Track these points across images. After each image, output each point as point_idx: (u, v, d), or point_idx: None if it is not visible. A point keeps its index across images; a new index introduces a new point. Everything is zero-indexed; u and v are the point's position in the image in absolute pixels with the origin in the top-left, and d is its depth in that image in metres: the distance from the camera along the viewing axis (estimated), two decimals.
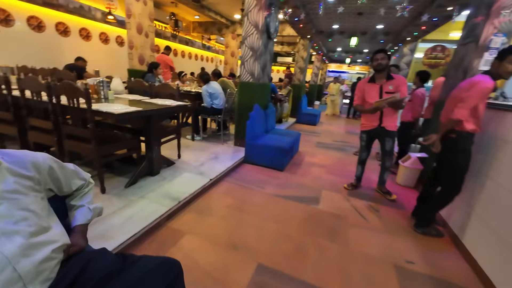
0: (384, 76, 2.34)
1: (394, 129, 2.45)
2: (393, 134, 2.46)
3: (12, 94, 2.11)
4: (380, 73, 2.34)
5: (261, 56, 3.36)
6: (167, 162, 2.75)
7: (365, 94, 2.45)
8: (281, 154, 3.16)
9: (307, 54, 6.94)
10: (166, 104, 2.42)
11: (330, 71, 15.61)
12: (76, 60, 4.30)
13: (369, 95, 2.41)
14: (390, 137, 2.46)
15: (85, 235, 0.95)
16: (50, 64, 4.25)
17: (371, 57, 2.35)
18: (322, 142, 5.01)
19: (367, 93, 2.43)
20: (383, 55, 2.25)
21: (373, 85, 2.40)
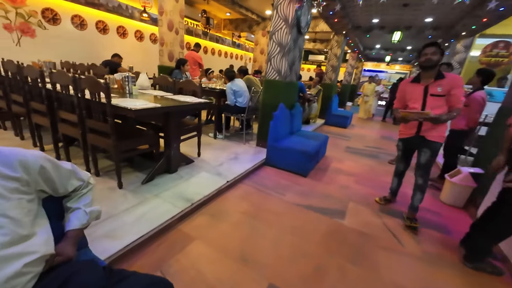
0: (432, 75, 1.89)
1: (438, 140, 1.95)
2: (434, 146, 1.96)
3: (46, 87, 2.22)
4: (428, 71, 1.89)
5: (289, 52, 3.14)
6: (186, 160, 2.70)
7: (406, 96, 2.04)
8: (306, 158, 2.92)
9: (341, 52, 6.48)
10: (186, 101, 2.35)
11: (366, 70, 14.59)
12: (113, 57, 4.53)
13: (411, 97, 2.00)
14: (428, 148, 1.98)
15: (76, 242, 0.87)
16: (91, 60, 4.55)
17: (418, 51, 1.95)
18: (352, 147, 4.61)
19: (409, 95, 2.01)
20: (434, 49, 1.82)
21: (417, 86, 1.96)
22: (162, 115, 2.16)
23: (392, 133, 6.40)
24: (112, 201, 1.89)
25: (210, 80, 4.52)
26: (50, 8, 3.83)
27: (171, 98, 2.50)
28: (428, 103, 1.90)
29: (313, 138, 3.52)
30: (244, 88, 3.56)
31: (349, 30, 5.90)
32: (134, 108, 1.75)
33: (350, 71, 9.78)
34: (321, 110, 6.48)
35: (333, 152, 4.16)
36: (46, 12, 3.79)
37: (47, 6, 3.79)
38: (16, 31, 3.52)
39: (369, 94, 7.76)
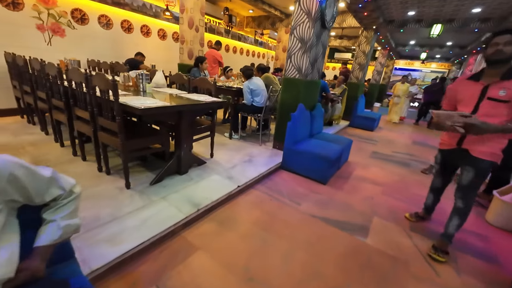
0: (499, 73, 1.45)
1: (487, 158, 1.51)
2: (480, 165, 1.54)
3: (64, 84, 2.24)
4: (496, 67, 1.46)
5: (311, 48, 2.90)
6: (198, 161, 2.60)
7: (458, 96, 1.63)
8: (326, 164, 2.67)
9: (370, 49, 6.00)
10: (198, 100, 2.25)
11: (397, 68, 13.59)
12: (136, 55, 4.62)
13: (462, 98, 1.59)
14: (472, 166, 1.57)
15: (45, 259, 0.76)
16: (116, 58, 4.69)
17: (485, 42, 1.51)
18: (379, 152, 4.22)
19: (461, 95, 1.61)
20: (509, 37, 1.37)
21: (474, 84, 1.55)
22: (173, 114, 2.07)
23: (426, 138, 5.81)
24: (118, 202, 1.84)
25: (228, 78, 4.41)
26: (79, 8, 3.98)
27: (184, 96, 2.41)
28: (481, 109, 1.49)
29: (335, 141, 3.24)
30: (262, 87, 3.39)
31: (380, 25, 5.42)
32: (140, 106, 1.67)
33: (379, 69, 9.12)
34: (346, 111, 6.08)
35: (357, 157, 3.82)
36: (75, 12, 3.95)
37: (76, 7, 3.94)
38: (48, 31, 3.71)
39: (401, 95, 7.03)
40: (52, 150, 2.60)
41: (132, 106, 1.69)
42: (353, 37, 9.67)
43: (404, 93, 6.98)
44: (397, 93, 7.06)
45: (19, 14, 3.41)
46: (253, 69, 3.36)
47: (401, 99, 7.11)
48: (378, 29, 5.78)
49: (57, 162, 2.36)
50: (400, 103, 7.25)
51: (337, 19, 6.44)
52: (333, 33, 9.49)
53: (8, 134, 2.95)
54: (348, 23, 6.33)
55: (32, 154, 2.46)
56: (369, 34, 5.86)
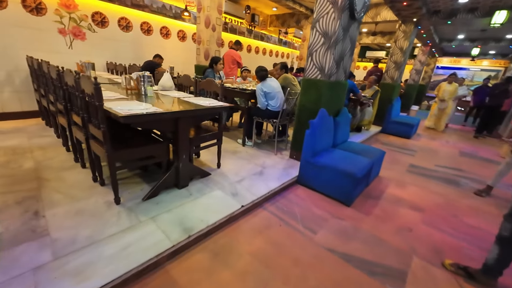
0: None
1: None
2: None
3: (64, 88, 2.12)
4: None
5: (336, 44, 2.46)
6: (201, 173, 2.33)
7: None
8: (351, 182, 2.21)
9: (409, 45, 5.26)
10: (200, 105, 1.97)
11: (440, 67, 12.14)
12: (154, 57, 4.55)
13: None
14: None
15: None
16: (135, 61, 4.69)
17: None
18: (417, 166, 3.57)
19: None
20: None
21: None
22: (167, 122, 1.81)
23: (476, 148, 4.89)
24: (102, 221, 1.62)
25: (244, 79, 4.12)
26: (99, 11, 4.00)
27: (188, 101, 2.16)
28: None
29: (363, 153, 2.74)
30: (277, 89, 3.01)
31: (422, 17, 4.69)
32: (123, 114, 1.43)
33: (418, 68, 8.13)
34: (377, 115, 5.40)
35: (390, 171, 3.25)
36: (96, 15, 3.98)
37: (96, 10, 3.97)
38: (69, 34, 3.77)
39: (447, 98, 5.83)
40: (58, 155, 2.53)
41: (115, 112, 1.45)
42: (388, 33, 8.78)
43: (451, 96, 5.80)
44: (442, 95, 5.88)
45: (42, 19, 3.49)
46: (267, 69, 3.00)
47: (448, 103, 5.90)
48: (419, 22, 5.03)
49: (58, 168, 2.26)
50: (447, 108, 5.97)
51: (370, 13, 5.80)
52: (365, 29, 8.72)
53: (24, 136, 2.99)
54: (383, 16, 5.65)
55: (36, 159, 2.40)
56: (408, 28, 5.13)
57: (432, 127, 6.38)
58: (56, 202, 1.76)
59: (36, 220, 1.58)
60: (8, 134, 3.03)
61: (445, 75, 12.83)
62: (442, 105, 5.97)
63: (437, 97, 6.02)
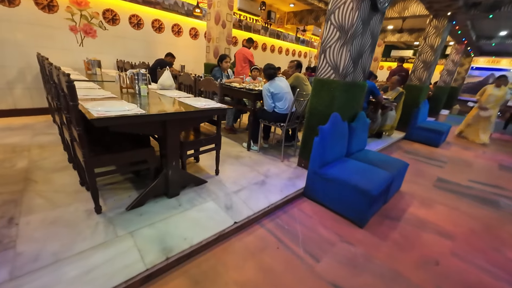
0: None
1: None
2: None
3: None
4: None
5: (354, 39, 2.13)
6: (195, 181, 2.12)
7: None
8: (364, 201, 1.89)
9: (441, 42, 4.69)
10: (194, 106, 1.76)
11: (475, 68, 11.05)
12: (166, 56, 4.47)
13: None
14: None
15: None
16: (146, 59, 4.63)
17: None
18: (447, 180, 3.11)
19: None
20: None
21: None
22: (154, 125, 1.62)
23: None
24: (76, 233, 1.46)
25: (254, 79, 3.88)
26: (110, 8, 3.97)
27: (183, 101, 1.96)
28: None
29: (382, 164, 2.38)
30: (286, 90, 2.73)
31: (459, 10, 4.14)
32: (96, 115, 1.25)
33: (450, 68, 7.37)
34: (401, 120, 4.90)
35: (414, 185, 2.84)
36: (107, 13, 3.95)
37: (108, 7, 3.94)
38: (80, 32, 3.76)
39: (494, 104, 4.82)
40: (54, 155, 2.46)
41: (88, 113, 1.28)
42: (416, 31, 8.08)
43: (498, 102, 4.78)
44: (486, 101, 4.86)
45: (53, 16, 3.51)
46: (275, 68, 2.73)
47: (494, 110, 4.89)
48: (454, 17, 4.46)
49: (49, 169, 2.17)
50: (492, 117, 4.96)
51: (396, 7, 5.29)
52: (391, 26, 8.09)
53: (28, 133, 2.99)
54: (412, 10, 5.11)
55: (32, 158, 2.35)
56: (440, 24, 4.58)
57: (466, 137, 5.48)
58: (35, 208, 1.64)
59: (8, 228, 1.46)
60: (15, 131, 3.05)
61: (481, 76, 11.66)
62: (485, 112, 4.97)
63: (479, 103, 5.03)
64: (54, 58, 3.53)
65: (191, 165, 2.52)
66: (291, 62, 3.30)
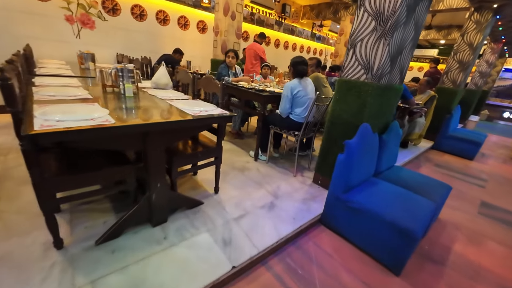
0: None
1: None
2: None
3: None
4: None
5: (395, 30, 1.67)
6: (188, 203, 1.74)
7: None
8: (405, 243, 1.44)
9: (481, 40, 4.07)
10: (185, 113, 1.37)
11: (507, 69, 10.12)
12: (174, 53, 4.10)
13: None
14: None
15: None
16: (150, 54, 4.29)
17: None
18: (494, 206, 2.58)
19: None
20: None
21: None
22: (130, 138, 1.24)
23: None
24: (21, 280, 1.10)
25: (265, 78, 3.45)
26: None
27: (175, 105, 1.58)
28: None
29: (420, 188, 1.91)
30: (311, 95, 2.28)
31: (508, 1, 3.53)
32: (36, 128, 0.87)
33: (484, 70, 6.64)
34: (429, 127, 4.33)
35: (454, 211, 2.34)
36: (107, 2, 3.64)
37: None
38: (77, 22, 3.45)
39: None
40: None
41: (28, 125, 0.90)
42: (445, 27, 7.36)
43: None
44: None
45: (47, 4, 3.20)
46: (307, 63, 2.29)
47: None
48: (500, 10, 3.84)
49: (20, 180, 1.85)
50: None
51: None
52: None
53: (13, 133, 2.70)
54: (448, 3, 4.50)
55: (6, 164, 2.04)
56: (483, 18, 3.97)
57: None
58: None
59: None
60: (1, 130, 2.78)
61: None
62: None
63: None
64: (47, 50, 3.24)
65: (186, 180, 2.14)
66: (310, 60, 2.84)
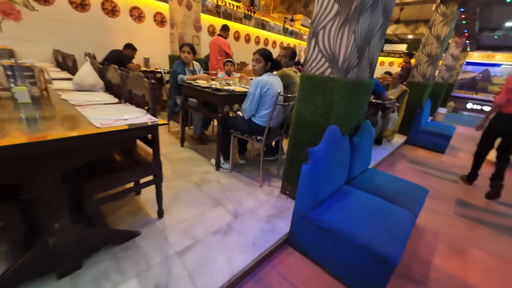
0: None
1: None
2: None
3: None
4: None
5: (360, 15, 1.40)
6: (117, 237, 1.35)
7: None
8: (382, 270, 1.19)
9: (449, 32, 4.06)
10: (95, 126, 0.98)
11: (469, 63, 10.68)
12: (125, 48, 3.58)
13: None
14: None
15: None
16: (95, 49, 3.73)
17: None
18: (468, 204, 2.48)
19: None
20: None
21: None
22: (10, 166, 0.83)
23: None
24: None
25: (229, 75, 3.09)
26: None
27: (89, 114, 1.18)
28: None
29: (397, 196, 1.70)
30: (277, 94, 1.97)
31: None
32: None
33: (450, 64, 6.84)
34: (402, 122, 4.26)
35: (431, 214, 2.18)
36: None
37: None
38: None
39: None
40: None
41: None
42: (413, 22, 7.49)
43: None
44: None
45: None
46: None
47: None
48: (465, 2, 3.82)
49: None
50: None
51: None
52: None
53: None
54: None
55: None
56: (449, 10, 3.94)
57: None
58: None
59: None
60: None
61: (475, 72, 11.31)
62: None
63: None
64: None
65: (125, 202, 1.74)
66: (284, 49, 2.50)
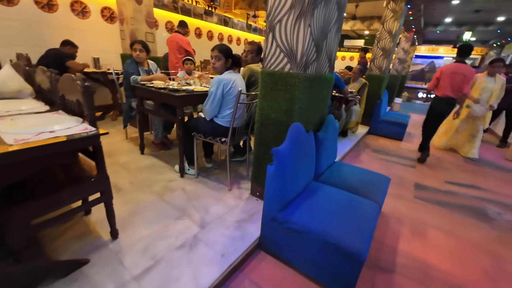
0: None
1: None
2: None
3: None
4: None
5: (315, 8, 1.36)
6: (59, 270, 1.14)
7: None
8: (350, 266, 1.18)
9: (399, 27, 4.35)
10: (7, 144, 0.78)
11: (418, 56, 11.73)
12: (63, 45, 3.16)
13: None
14: None
15: None
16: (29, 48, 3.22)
17: None
18: (425, 186, 2.67)
19: None
20: None
21: None
22: None
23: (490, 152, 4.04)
24: None
25: (190, 74, 2.91)
26: None
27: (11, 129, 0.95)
28: None
29: (362, 188, 1.73)
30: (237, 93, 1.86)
31: None
32: None
33: (402, 57, 7.40)
34: (364, 113, 4.49)
35: (394, 200, 2.30)
36: None
37: None
38: None
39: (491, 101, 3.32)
40: None
41: None
42: (368, 18, 7.94)
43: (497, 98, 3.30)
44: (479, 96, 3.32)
45: None
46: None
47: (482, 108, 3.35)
48: None
49: None
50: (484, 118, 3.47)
51: None
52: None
53: None
54: None
55: None
56: (397, 6, 4.21)
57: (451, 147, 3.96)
58: None
59: None
60: None
61: (423, 64, 12.49)
62: (479, 110, 3.33)
63: (470, 99, 3.25)
64: None
65: (72, 224, 1.50)
66: (250, 44, 2.39)
